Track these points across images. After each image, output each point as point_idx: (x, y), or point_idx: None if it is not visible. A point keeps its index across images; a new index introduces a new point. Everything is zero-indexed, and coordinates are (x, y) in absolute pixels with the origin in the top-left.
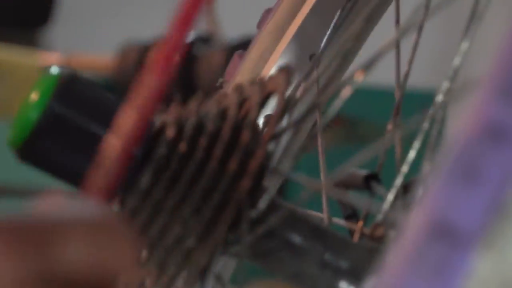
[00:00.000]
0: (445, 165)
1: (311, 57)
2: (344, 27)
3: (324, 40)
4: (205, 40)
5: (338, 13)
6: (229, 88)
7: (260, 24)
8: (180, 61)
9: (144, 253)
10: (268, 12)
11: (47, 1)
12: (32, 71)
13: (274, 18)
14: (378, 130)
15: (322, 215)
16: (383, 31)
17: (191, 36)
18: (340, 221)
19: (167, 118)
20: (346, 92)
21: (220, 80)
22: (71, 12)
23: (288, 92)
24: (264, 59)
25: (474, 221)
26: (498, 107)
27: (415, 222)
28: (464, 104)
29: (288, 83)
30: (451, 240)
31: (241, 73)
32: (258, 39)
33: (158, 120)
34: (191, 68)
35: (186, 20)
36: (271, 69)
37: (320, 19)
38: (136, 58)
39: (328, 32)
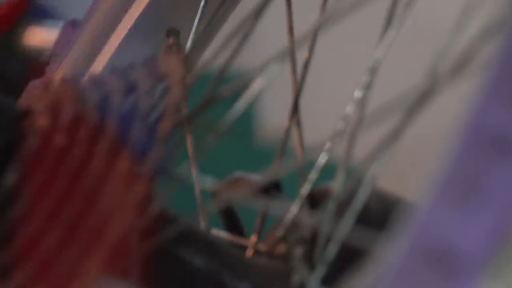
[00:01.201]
0: (440, 182)
1: (169, 32)
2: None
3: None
4: None
5: None
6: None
7: None
8: None
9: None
10: None
11: None
12: None
13: None
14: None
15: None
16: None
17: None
18: (221, 234)
19: (36, 101)
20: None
21: (46, 53)
22: None
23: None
24: (108, 31)
25: (477, 247)
26: (504, 115)
27: (405, 249)
28: (456, 112)
29: (185, 63)
30: (450, 268)
31: (78, 46)
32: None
33: (23, 103)
34: None
35: None
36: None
37: None
38: None
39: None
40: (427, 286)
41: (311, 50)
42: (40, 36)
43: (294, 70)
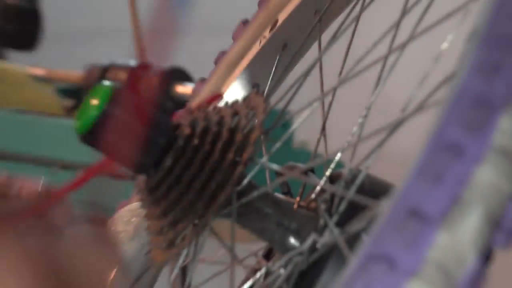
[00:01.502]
0: (416, 170)
1: (254, 85)
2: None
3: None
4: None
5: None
6: (218, 104)
7: (235, 35)
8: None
9: (155, 202)
10: (244, 23)
11: (37, 25)
12: (23, 77)
13: (228, 55)
14: None
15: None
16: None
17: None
18: (280, 195)
19: (183, 120)
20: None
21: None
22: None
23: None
24: (219, 85)
25: (438, 209)
26: (457, 130)
27: (396, 206)
28: (427, 124)
29: (265, 103)
30: (422, 220)
31: (204, 95)
32: (215, 70)
33: (175, 121)
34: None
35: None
36: (228, 93)
37: (262, 61)
38: (99, 74)
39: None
40: (405, 228)
41: (333, 95)
42: (183, 89)
43: (323, 108)
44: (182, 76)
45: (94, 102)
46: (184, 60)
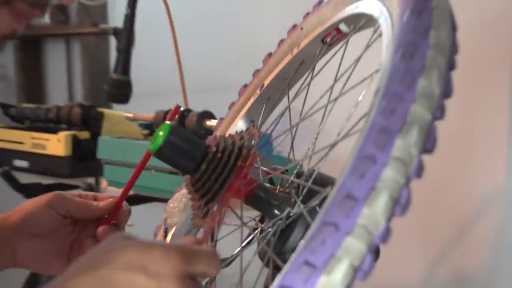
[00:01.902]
0: (350, 168)
1: (251, 122)
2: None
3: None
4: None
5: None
6: (227, 133)
7: (240, 92)
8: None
9: (196, 188)
10: (244, 86)
11: (129, 89)
12: (121, 117)
13: (235, 104)
14: None
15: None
16: None
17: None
18: (268, 186)
19: (211, 142)
20: None
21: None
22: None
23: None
24: (231, 121)
25: (363, 194)
26: (372, 147)
27: (338, 192)
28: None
29: (258, 132)
30: (353, 201)
31: (222, 127)
32: (228, 113)
33: (207, 142)
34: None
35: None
36: (236, 126)
37: (255, 108)
38: (163, 116)
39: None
40: (344, 205)
41: (296, 127)
42: (210, 123)
43: (291, 134)
44: (209, 115)
45: (161, 133)
46: (211, 105)
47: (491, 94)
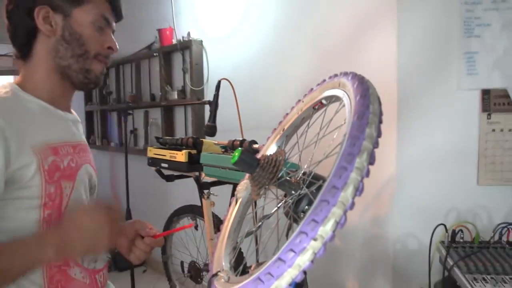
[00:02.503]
0: (333, 172)
1: (279, 147)
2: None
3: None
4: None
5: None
6: (271, 152)
7: (272, 132)
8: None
9: (254, 181)
10: (274, 129)
11: (215, 129)
12: (212, 143)
13: (271, 137)
14: None
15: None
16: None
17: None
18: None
19: (261, 157)
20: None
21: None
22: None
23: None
24: (268, 147)
25: (340, 186)
26: (344, 162)
27: (328, 184)
28: None
29: (284, 154)
30: (336, 189)
31: (264, 149)
32: (266, 143)
33: (259, 158)
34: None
35: None
36: (270, 148)
37: (280, 139)
38: (232, 142)
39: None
40: (331, 191)
41: (300, 154)
42: (256, 146)
43: (299, 158)
44: (254, 142)
45: (236, 154)
46: (255, 137)
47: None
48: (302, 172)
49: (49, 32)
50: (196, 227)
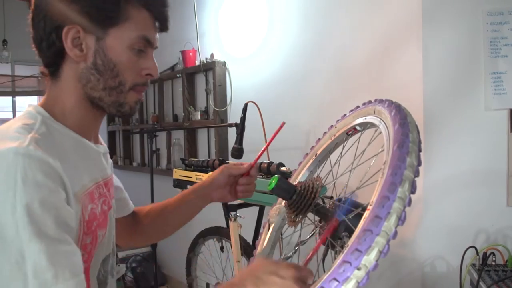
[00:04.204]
0: (376, 203)
1: (312, 172)
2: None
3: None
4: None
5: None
6: (298, 178)
7: (304, 157)
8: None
9: (290, 207)
10: (306, 154)
11: (242, 151)
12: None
13: (302, 163)
14: None
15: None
16: None
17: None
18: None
19: (298, 184)
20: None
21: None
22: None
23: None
24: (299, 172)
25: (384, 215)
26: (387, 191)
27: (371, 213)
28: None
29: (320, 181)
30: (379, 219)
31: (295, 174)
32: (298, 167)
33: (296, 185)
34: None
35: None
36: (302, 174)
37: (313, 165)
38: (260, 164)
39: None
40: (374, 221)
41: (333, 179)
42: (284, 169)
43: (334, 184)
44: (282, 165)
45: (273, 181)
46: (282, 159)
47: None
48: (337, 198)
49: (79, 58)
50: (222, 249)
